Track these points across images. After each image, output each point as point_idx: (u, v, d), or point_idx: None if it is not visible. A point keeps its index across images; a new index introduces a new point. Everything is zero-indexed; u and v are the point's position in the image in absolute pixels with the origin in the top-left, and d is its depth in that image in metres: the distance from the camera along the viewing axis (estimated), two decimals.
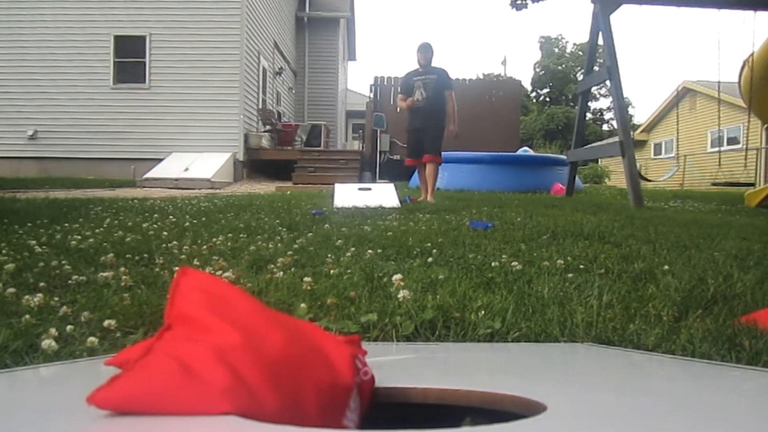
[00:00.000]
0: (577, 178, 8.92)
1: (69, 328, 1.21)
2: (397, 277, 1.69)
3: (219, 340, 0.50)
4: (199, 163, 10.76)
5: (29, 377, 0.76)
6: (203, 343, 0.50)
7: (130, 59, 11.91)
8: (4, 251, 2.14)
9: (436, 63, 5.87)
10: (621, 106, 6.31)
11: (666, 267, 2.03)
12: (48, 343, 1.09)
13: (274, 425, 0.43)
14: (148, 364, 0.48)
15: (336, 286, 1.63)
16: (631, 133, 6.64)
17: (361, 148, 14.78)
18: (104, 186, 9.01)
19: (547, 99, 44.48)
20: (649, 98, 57.62)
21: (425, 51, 5.80)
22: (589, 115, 35.94)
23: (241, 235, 2.81)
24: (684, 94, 20.56)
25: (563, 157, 10.07)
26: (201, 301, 0.55)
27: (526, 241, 2.71)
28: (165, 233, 2.84)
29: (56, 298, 1.48)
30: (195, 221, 3.48)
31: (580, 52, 40.63)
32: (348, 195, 5.37)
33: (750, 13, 7.15)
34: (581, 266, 2.04)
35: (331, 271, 1.87)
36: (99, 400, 0.45)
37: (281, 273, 1.85)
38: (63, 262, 1.93)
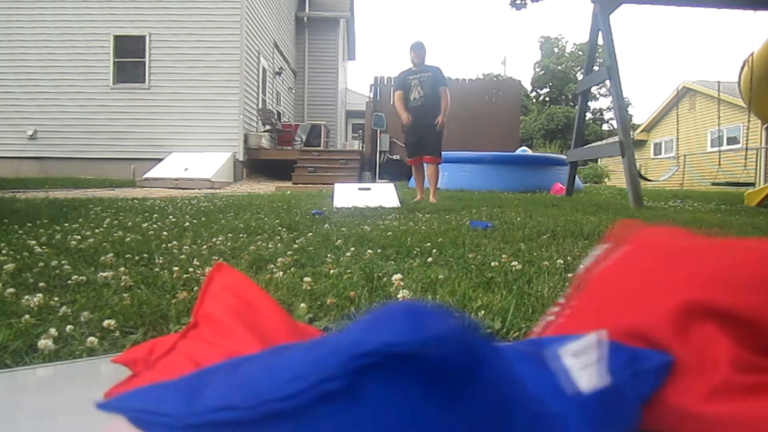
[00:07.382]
0: (576, 177, 8.92)
1: (69, 328, 1.21)
2: (396, 277, 1.69)
3: (236, 346, 0.51)
4: (199, 163, 10.76)
5: (29, 377, 0.76)
6: (221, 348, 0.51)
7: (129, 59, 11.91)
8: (4, 251, 2.14)
9: (429, 62, 5.89)
10: (621, 106, 6.30)
11: None
12: (47, 344, 1.09)
13: None
14: (168, 364, 0.50)
15: (336, 286, 1.63)
16: (631, 132, 6.64)
17: (360, 148, 14.77)
18: (104, 186, 9.00)
19: (547, 99, 44.48)
20: (649, 98, 57.83)
21: (418, 50, 5.81)
22: (589, 115, 36.00)
23: (241, 235, 2.81)
24: (684, 93, 20.57)
25: (563, 156, 10.07)
26: (229, 305, 0.56)
27: (525, 241, 2.71)
28: (165, 233, 2.83)
29: (56, 298, 1.48)
30: (195, 221, 3.48)
31: (580, 52, 40.66)
32: (348, 195, 5.37)
33: (750, 12, 7.15)
34: (581, 266, 2.04)
35: (331, 271, 1.87)
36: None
37: (281, 273, 1.85)
38: (63, 262, 1.93)
